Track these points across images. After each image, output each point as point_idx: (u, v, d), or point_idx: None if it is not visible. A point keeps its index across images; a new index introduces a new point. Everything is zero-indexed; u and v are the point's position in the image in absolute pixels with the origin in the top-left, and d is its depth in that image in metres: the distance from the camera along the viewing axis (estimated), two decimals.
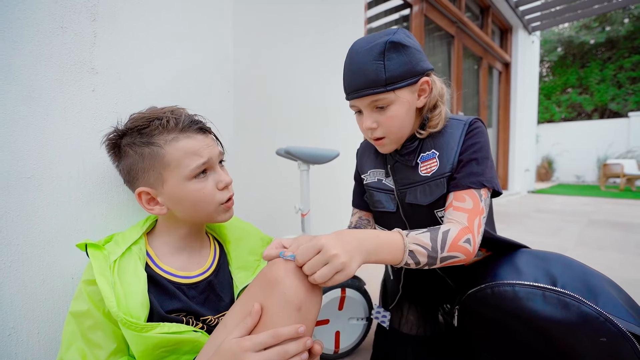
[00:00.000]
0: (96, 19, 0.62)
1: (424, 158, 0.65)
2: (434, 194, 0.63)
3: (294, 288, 0.45)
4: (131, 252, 0.56)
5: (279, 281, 0.45)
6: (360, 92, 0.60)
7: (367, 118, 0.63)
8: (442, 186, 0.63)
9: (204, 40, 0.81)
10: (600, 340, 0.52)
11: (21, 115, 0.55)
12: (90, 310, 0.50)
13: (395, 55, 0.58)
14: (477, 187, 0.60)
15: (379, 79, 0.58)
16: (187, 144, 0.56)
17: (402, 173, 0.68)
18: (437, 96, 0.65)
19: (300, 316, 0.45)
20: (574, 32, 9.66)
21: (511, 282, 0.60)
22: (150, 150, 0.54)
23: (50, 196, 0.58)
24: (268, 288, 0.46)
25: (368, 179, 0.75)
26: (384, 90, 0.59)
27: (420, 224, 0.66)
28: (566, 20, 4.82)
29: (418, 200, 0.65)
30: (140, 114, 0.58)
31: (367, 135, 0.66)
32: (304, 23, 1.73)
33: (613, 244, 2.10)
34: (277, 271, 0.46)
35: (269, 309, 0.45)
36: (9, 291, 0.55)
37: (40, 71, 0.56)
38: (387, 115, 0.61)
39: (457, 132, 0.64)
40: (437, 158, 0.64)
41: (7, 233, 0.54)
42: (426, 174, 0.64)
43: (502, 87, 4.95)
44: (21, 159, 0.55)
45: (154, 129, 0.55)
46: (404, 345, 0.80)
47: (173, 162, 0.54)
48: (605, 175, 5.98)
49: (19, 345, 0.56)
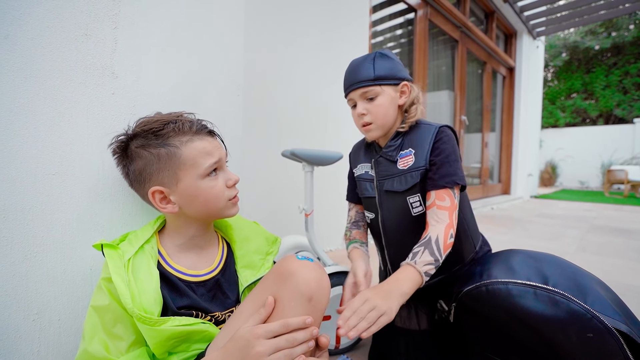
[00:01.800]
0: (117, 27, 0.66)
1: (402, 155, 0.79)
2: (407, 183, 0.77)
3: (305, 280, 0.49)
4: (144, 250, 0.59)
5: (292, 274, 0.49)
6: (355, 85, 0.78)
7: (360, 106, 0.79)
8: (416, 177, 0.76)
9: (216, 47, 0.85)
10: (587, 335, 0.55)
11: (48, 117, 0.59)
12: (111, 305, 0.53)
13: (382, 61, 0.78)
14: (451, 186, 0.73)
15: (369, 75, 0.77)
16: (200, 144, 0.60)
17: (383, 166, 0.82)
18: (415, 98, 0.81)
19: (311, 307, 0.49)
20: (580, 37, 9.64)
21: (505, 280, 0.63)
22: (167, 151, 0.58)
23: (72, 192, 0.62)
24: (281, 280, 0.50)
25: (357, 172, 0.89)
26: (372, 84, 0.77)
27: (391, 208, 0.80)
28: (572, 26, 4.83)
29: (394, 188, 0.79)
30: (150, 118, 0.61)
31: (359, 122, 0.81)
32: (311, 28, 1.77)
33: (613, 250, 2.11)
34: (291, 265, 0.51)
35: (282, 300, 0.49)
36: (34, 279, 0.59)
37: (67, 75, 0.61)
38: (374, 104, 0.77)
39: (428, 134, 0.78)
40: (412, 155, 0.78)
41: (34, 225, 0.58)
42: (403, 168, 0.78)
43: (506, 92, 4.97)
44: (47, 157, 0.59)
45: (170, 131, 0.58)
46: (397, 339, 0.83)
47: (189, 162, 0.58)
48: (609, 182, 5.96)
49: (41, 330, 0.60)
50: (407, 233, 0.79)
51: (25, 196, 0.57)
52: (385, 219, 0.82)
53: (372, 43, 2.55)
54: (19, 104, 0.56)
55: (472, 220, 0.86)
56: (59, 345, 0.62)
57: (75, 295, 0.64)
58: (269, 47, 1.56)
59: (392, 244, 0.83)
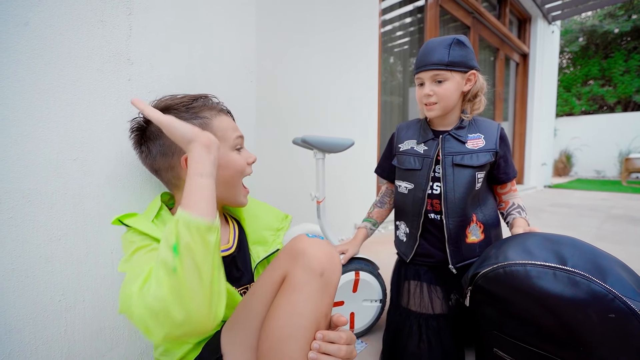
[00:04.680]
0: (132, 13, 0.67)
1: (471, 137, 0.87)
2: (480, 160, 0.85)
3: (316, 256, 0.50)
4: (161, 215, 0.60)
5: (303, 251, 0.51)
6: (428, 66, 0.82)
7: (427, 87, 0.84)
8: (489, 157, 0.85)
9: (229, 33, 0.85)
10: (609, 316, 0.54)
11: (68, 103, 0.60)
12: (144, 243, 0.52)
13: (457, 48, 0.81)
14: (515, 177, 0.91)
15: (443, 60, 0.81)
16: (226, 120, 0.64)
17: (451, 143, 0.87)
18: (479, 88, 0.87)
19: (323, 282, 0.50)
20: (598, 21, 9.27)
21: (523, 262, 0.63)
22: (201, 122, 0.59)
23: (92, 177, 0.64)
24: (293, 258, 0.51)
25: (403, 147, 0.95)
26: (444, 68, 0.81)
27: (457, 180, 0.85)
28: (589, 9, 4.65)
29: (466, 162, 0.85)
30: (174, 95, 0.63)
31: (423, 100, 0.86)
32: (321, 15, 1.75)
33: (632, 239, 2.06)
34: (301, 243, 0.52)
35: (294, 276, 0.50)
36: (59, 261, 0.61)
37: (84, 62, 0.62)
38: (442, 87, 0.83)
39: (493, 126, 0.89)
40: (482, 139, 0.87)
41: (58, 209, 0.60)
42: (473, 147, 0.86)
43: (520, 79, 4.84)
44: (68, 143, 0.61)
45: (200, 105, 0.61)
46: (411, 323, 0.84)
47: (219, 133, 0.60)
48: (627, 170, 5.78)
49: (67, 310, 0.62)
50: (467, 204, 0.85)
51: (47, 181, 0.59)
52: (448, 190, 0.85)
53: (382, 32, 2.51)
54: (40, 91, 0.57)
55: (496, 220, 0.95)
56: (84, 325, 0.64)
57: (98, 277, 0.66)
58: (279, 35, 1.55)
59: (452, 214, 0.85)
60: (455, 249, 0.85)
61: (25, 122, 0.56)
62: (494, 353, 0.71)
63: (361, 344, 0.96)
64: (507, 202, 0.92)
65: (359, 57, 2.05)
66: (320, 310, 0.49)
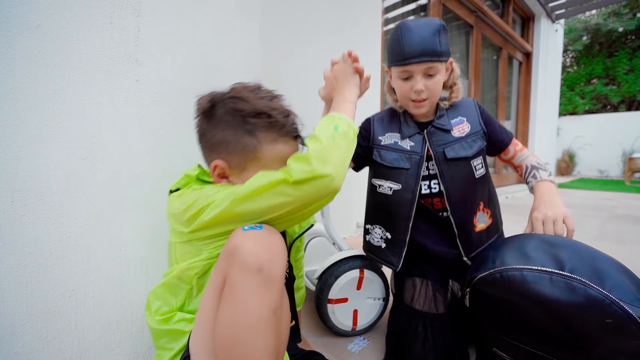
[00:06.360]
0: (140, 15, 0.68)
1: (454, 123, 0.82)
2: (472, 147, 0.80)
3: (250, 250, 0.45)
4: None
5: (237, 248, 0.46)
6: (422, 58, 0.73)
7: (419, 82, 0.76)
8: (481, 140, 0.82)
9: (233, 32, 0.86)
10: (605, 321, 0.54)
11: (78, 103, 0.62)
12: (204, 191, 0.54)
13: (444, 35, 0.75)
14: (513, 136, 0.90)
15: (436, 51, 0.73)
16: (281, 149, 0.60)
17: (438, 136, 0.82)
18: (456, 75, 0.83)
19: (263, 278, 0.45)
20: (602, 20, 9.19)
21: (519, 267, 0.62)
22: (249, 142, 0.57)
23: (101, 175, 0.65)
24: (229, 257, 0.47)
25: (385, 141, 0.86)
26: (437, 60, 0.74)
27: (455, 175, 0.80)
28: (593, 7, 4.61)
29: (459, 154, 0.79)
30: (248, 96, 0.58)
31: (412, 96, 0.78)
32: (324, 14, 1.75)
33: (634, 238, 2.06)
34: (234, 239, 0.47)
35: (230, 276, 0.46)
36: (69, 259, 0.62)
37: (93, 63, 0.63)
38: (434, 81, 0.76)
39: (470, 105, 0.85)
40: (466, 122, 0.82)
41: (68, 208, 0.61)
42: (460, 135, 0.81)
43: (523, 78, 4.82)
44: (78, 143, 0.62)
45: (259, 123, 0.57)
46: (415, 322, 0.84)
47: (262, 160, 0.59)
48: (630, 170, 5.75)
49: (77, 306, 0.64)
50: (471, 195, 0.82)
51: (59, 179, 0.60)
52: (449, 187, 0.80)
53: (384, 30, 2.51)
54: (51, 91, 0.58)
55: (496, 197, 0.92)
56: (94, 320, 0.66)
57: (106, 274, 0.67)
58: (283, 35, 1.56)
59: (458, 210, 0.81)
60: (466, 242, 0.83)
61: (37, 122, 0.57)
62: (493, 352, 0.72)
63: (363, 340, 0.97)
64: (521, 166, 0.88)
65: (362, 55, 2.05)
66: (267, 306, 0.45)
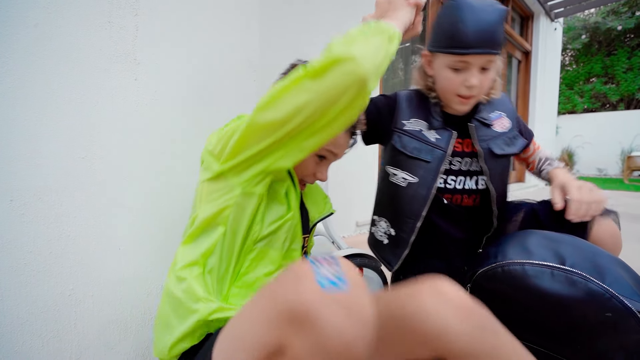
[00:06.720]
0: (138, 14, 0.68)
1: (494, 117, 0.77)
2: (516, 144, 0.77)
3: (336, 327, 0.30)
4: None
5: (314, 316, 0.30)
6: (485, 49, 0.63)
7: (474, 76, 0.66)
8: (522, 140, 0.79)
9: (233, 32, 0.86)
10: (605, 315, 0.55)
11: (77, 102, 0.61)
12: None
13: (503, 24, 0.64)
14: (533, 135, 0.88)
15: (500, 42, 0.64)
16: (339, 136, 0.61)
17: (483, 131, 0.77)
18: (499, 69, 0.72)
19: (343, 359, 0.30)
20: (601, 18, 9.19)
21: (521, 261, 0.64)
22: None
23: (100, 174, 0.65)
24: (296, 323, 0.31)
25: (410, 126, 0.76)
26: (498, 53, 0.66)
27: (498, 170, 0.76)
28: (592, 6, 4.61)
29: (506, 151, 0.76)
30: None
31: (461, 91, 0.68)
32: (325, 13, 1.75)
33: (632, 236, 2.07)
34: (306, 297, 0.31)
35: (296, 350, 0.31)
36: (69, 258, 0.62)
37: (92, 62, 0.63)
38: (487, 77, 0.68)
39: (505, 100, 0.80)
40: (505, 117, 0.77)
41: (67, 207, 0.61)
42: (502, 130, 0.77)
43: (522, 77, 4.82)
44: (76, 142, 0.62)
45: None
46: None
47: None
48: (629, 168, 5.77)
49: (77, 305, 0.64)
50: (505, 191, 0.81)
51: (57, 178, 0.60)
52: (497, 188, 0.77)
53: None
54: (50, 90, 0.58)
55: None
56: (93, 319, 0.66)
57: (106, 272, 0.67)
58: (283, 34, 1.56)
59: (501, 210, 0.79)
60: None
61: (35, 121, 0.57)
62: None
63: None
64: (534, 161, 0.87)
65: None
66: None
